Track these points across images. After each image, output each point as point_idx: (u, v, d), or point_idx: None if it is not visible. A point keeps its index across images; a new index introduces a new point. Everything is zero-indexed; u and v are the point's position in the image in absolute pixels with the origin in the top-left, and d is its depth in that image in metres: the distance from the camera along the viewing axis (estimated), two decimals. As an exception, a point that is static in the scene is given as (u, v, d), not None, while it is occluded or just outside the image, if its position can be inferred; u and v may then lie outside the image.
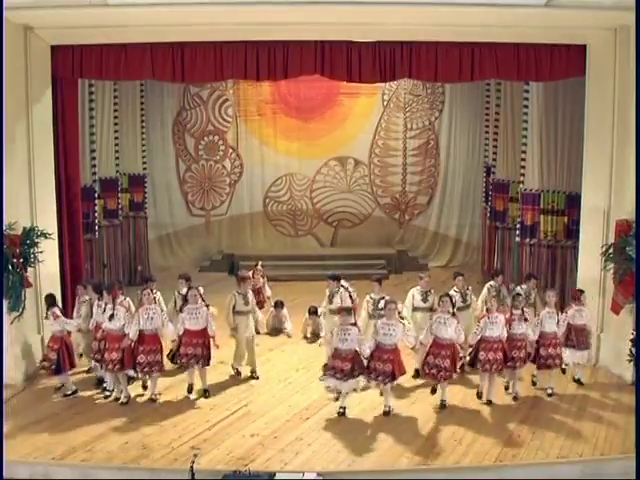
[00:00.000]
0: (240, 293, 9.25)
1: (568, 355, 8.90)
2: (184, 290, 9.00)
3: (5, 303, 8.65)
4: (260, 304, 10.72)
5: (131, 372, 8.52)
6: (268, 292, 11.43)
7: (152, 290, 8.83)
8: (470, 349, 8.60)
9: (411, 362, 9.10)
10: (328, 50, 9.67)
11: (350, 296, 9.49)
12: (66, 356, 8.61)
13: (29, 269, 8.85)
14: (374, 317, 8.78)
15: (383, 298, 8.89)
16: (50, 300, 8.75)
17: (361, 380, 8.12)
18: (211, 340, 8.60)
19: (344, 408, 8.17)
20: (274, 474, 6.85)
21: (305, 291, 13.59)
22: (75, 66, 9.56)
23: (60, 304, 9.77)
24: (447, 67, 9.70)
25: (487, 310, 8.57)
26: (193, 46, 9.58)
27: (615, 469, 7.19)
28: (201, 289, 8.90)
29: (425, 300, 9.30)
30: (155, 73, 9.75)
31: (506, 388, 8.85)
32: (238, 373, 9.35)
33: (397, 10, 8.53)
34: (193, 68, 9.66)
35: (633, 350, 8.60)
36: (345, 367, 7.94)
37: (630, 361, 8.73)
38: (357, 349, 8.01)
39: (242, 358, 9.31)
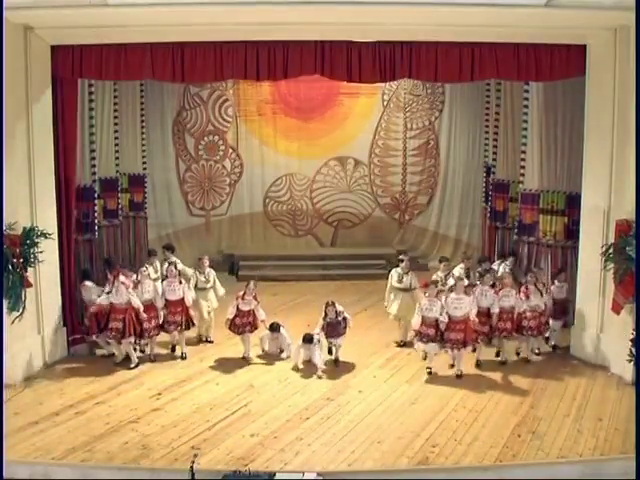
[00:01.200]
0: (200, 272, 10.65)
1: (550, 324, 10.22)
2: (172, 259, 10.89)
3: (5, 303, 8.64)
4: (252, 327, 9.96)
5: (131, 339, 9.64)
6: (262, 315, 10.07)
7: (147, 267, 10.42)
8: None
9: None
10: (328, 50, 9.66)
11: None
12: (94, 321, 9.72)
13: (29, 269, 8.85)
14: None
15: (449, 274, 10.60)
16: (83, 274, 10.31)
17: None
18: (189, 309, 10.14)
19: (430, 368, 9.53)
20: (274, 474, 6.86)
21: (305, 291, 13.62)
22: (75, 66, 9.55)
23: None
24: (447, 67, 9.70)
25: (502, 285, 9.83)
26: (193, 46, 9.58)
27: (615, 469, 7.20)
28: (180, 265, 10.68)
29: (468, 277, 10.59)
30: (155, 73, 9.74)
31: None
32: (205, 340, 10.74)
33: (397, 10, 8.53)
34: (193, 68, 9.65)
35: (633, 350, 8.60)
36: (430, 332, 9.29)
37: (630, 361, 8.72)
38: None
39: (203, 327, 10.78)
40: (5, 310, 8.67)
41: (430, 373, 9.47)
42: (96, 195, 11.79)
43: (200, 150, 15.51)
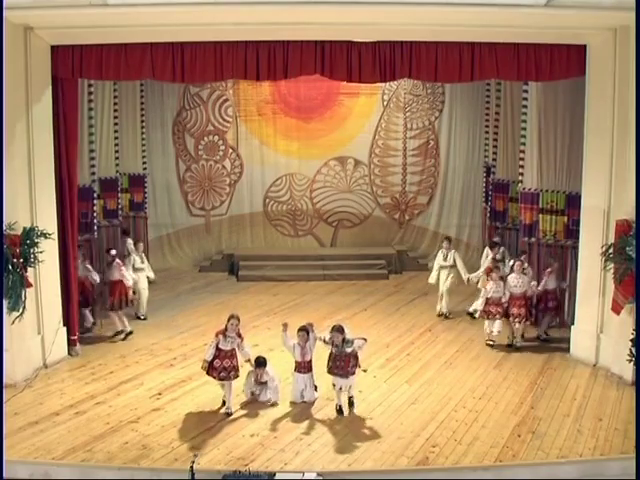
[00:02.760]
0: (137, 254, 11.76)
1: None
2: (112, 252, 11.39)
3: (5, 303, 8.63)
4: (236, 371, 8.26)
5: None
6: (247, 354, 8.45)
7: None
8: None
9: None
10: (328, 50, 9.65)
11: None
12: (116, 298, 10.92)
13: (29, 269, 8.85)
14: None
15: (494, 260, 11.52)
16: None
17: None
18: (129, 290, 10.96)
19: (493, 341, 10.57)
20: (274, 474, 6.85)
21: (305, 291, 13.63)
22: (75, 66, 9.54)
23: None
24: (447, 67, 9.69)
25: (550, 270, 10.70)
26: (193, 46, 9.57)
27: (615, 469, 7.20)
28: (114, 251, 11.20)
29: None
30: (155, 73, 9.73)
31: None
32: (142, 318, 11.81)
33: (397, 10, 8.52)
34: (193, 68, 9.64)
35: (633, 350, 8.60)
36: (500, 310, 10.37)
37: (630, 361, 8.72)
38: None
39: (141, 306, 11.87)
40: (5, 310, 8.66)
41: (492, 346, 10.50)
42: (95, 195, 11.79)
43: (200, 150, 15.53)
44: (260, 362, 8.49)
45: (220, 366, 8.14)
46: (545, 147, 11.28)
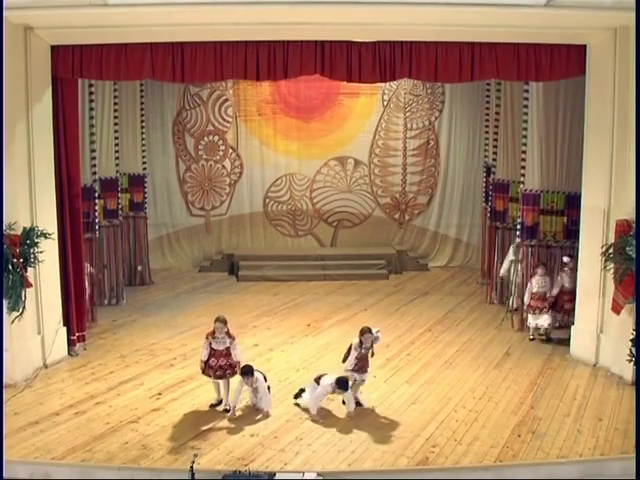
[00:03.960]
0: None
1: None
2: None
3: (5, 303, 8.63)
4: (232, 369, 8.23)
5: None
6: (237, 355, 8.28)
7: None
8: None
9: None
10: (328, 50, 9.63)
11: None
12: None
13: (29, 269, 8.85)
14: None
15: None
16: None
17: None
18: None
19: (534, 336, 10.88)
20: (274, 474, 6.85)
21: (305, 291, 13.63)
22: (75, 66, 9.54)
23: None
24: (447, 67, 9.68)
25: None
26: (193, 46, 9.56)
27: (615, 469, 7.19)
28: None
29: None
30: (155, 73, 9.73)
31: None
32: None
33: (397, 10, 8.52)
34: (193, 68, 9.64)
35: (633, 350, 8.60)
36: (542, 305, 10.69)
37: (630, 361, 8.72)
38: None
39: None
40: (5, 310, 8.67)
41: (533, 339, 10.85)
42: (96, 195, 11.81)
43: (200, 150, 15.52)
44: (244, 372, 8.07)
45: (216, 365, 8.23)
46: (546, 147, 11.27)
